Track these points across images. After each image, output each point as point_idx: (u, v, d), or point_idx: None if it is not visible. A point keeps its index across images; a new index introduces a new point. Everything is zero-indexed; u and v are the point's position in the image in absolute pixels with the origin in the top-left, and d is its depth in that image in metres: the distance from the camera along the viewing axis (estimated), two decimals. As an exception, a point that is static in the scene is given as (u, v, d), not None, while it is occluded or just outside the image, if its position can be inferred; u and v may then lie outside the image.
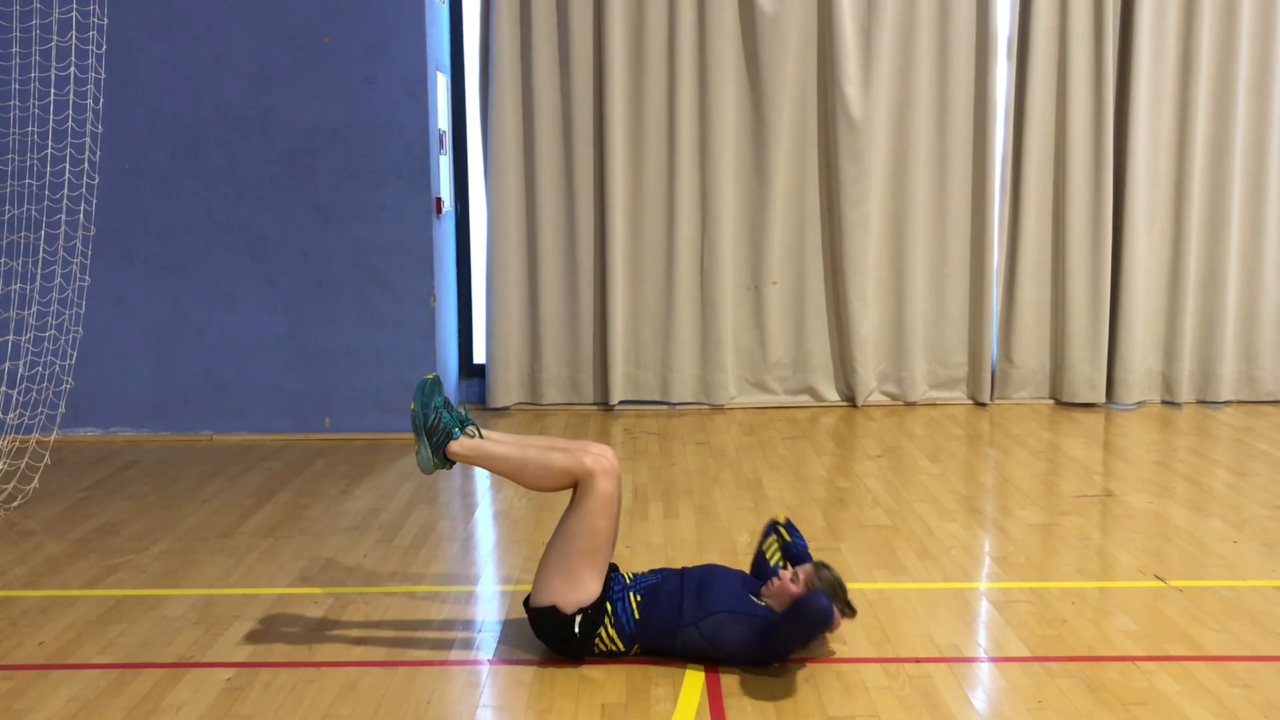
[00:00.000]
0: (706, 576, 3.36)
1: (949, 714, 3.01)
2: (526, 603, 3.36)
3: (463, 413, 3.44)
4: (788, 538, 3.60)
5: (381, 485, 5.23)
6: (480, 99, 6.71)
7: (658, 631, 3.27)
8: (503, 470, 3.39)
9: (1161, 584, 3.93)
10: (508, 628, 3.58)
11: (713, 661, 3.27)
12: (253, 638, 3.52)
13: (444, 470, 3.41)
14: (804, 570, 3.33)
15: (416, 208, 6.05)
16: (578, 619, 3.25)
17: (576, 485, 3.29)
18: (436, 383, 3.40)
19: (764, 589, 3.35)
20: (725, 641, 3.22)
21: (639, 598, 3.30)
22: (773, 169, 6.69)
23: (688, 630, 3.24)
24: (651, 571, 3.43)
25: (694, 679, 3.20)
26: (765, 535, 3.65)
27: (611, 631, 3.27)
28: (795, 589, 3.27)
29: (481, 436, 3.39)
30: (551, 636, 3.30)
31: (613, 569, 3.40)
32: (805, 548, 3.61)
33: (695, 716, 3.00)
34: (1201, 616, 3.63)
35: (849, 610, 3.34)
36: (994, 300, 6.85)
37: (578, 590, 3.25)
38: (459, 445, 3.35)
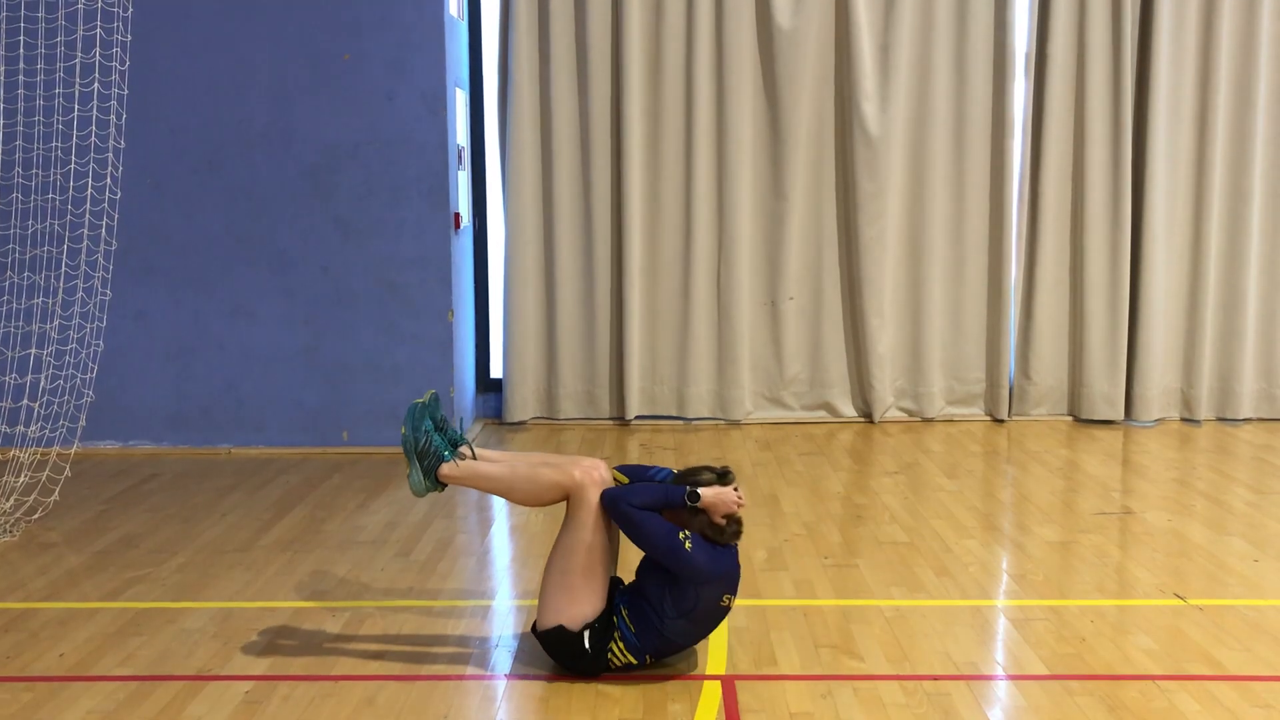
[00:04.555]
0: (646, 562, 3.34)
1: (967, 732, 3.00)
2: (534, 629, 3.36)
3: (456, 433, 3.45)
4: (624, 479, 3.39)
5: (399, 499, 5.24)
6: (499, 115, 6.74)
7: (654, 636, 3.26)
8: (494, 489, 3.40)
9: (1181, 602, 3.91)
10: (524, 642, 3.58)
11: (706, 630, 3.28)
12: (271, 651, 3.53)
13: (436, 492, 3.42)
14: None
15: (435, 223, 6.08)
16: (586, 635, 3.25)
17: (569, 500, 3.30)
18: (428, 405, 3.42)
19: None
20: (684, 600, 3.20)
21: (626, 610, 3.30)
22: (790, 185, 6.69)
23: (667, 621, 3.22)
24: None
25: (711, 693, 3.20)
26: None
27: (620, 645, 3.27)
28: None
29: (474, 457, 3.39)
30: (564, 656, 3.30)
31: (619, 582, 3.41)
32: (659, 471, 3.41)
33: (712, 733, 3.01)
34: (1222, 636, 3.61)
35: (725, 479, 3.24)
36: (1012, 316, 6.83)
37: (580, 606, 3.25)
38: (450, 468, 3.36)
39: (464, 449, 3.40)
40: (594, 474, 3.29)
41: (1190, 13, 6.58)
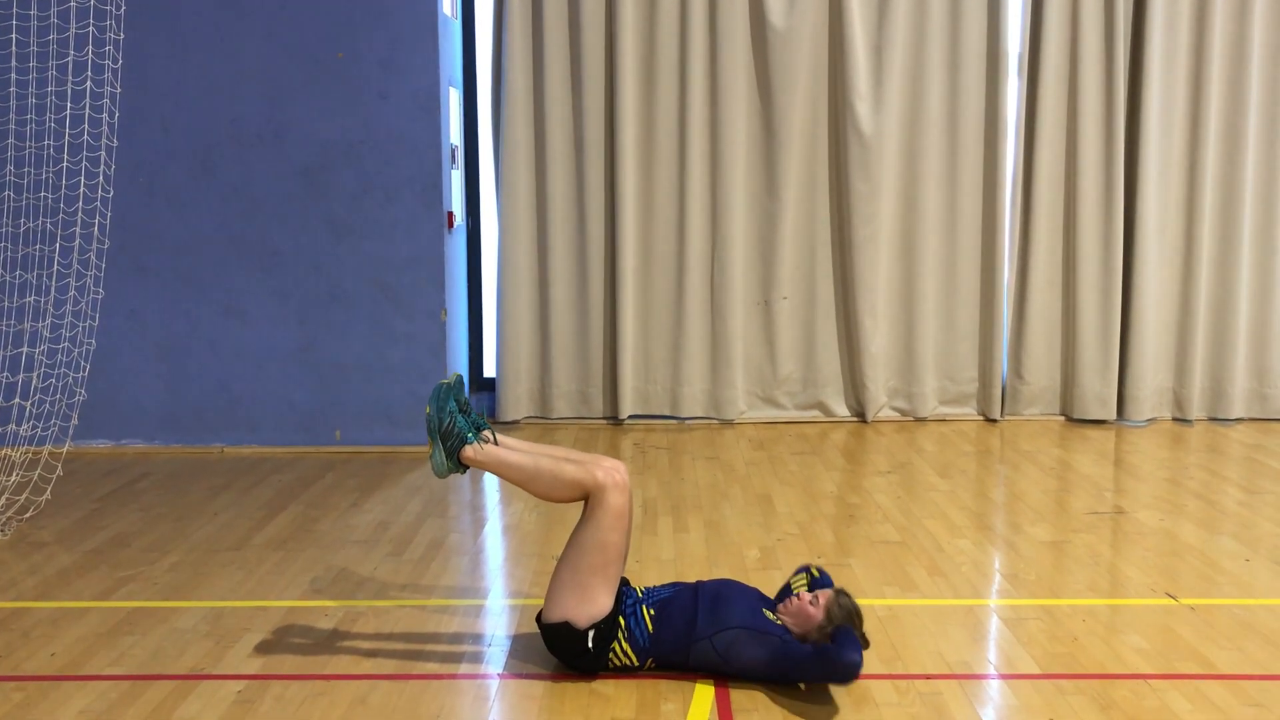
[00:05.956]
0: (722, 590, 3.36)
1: (959, 731, 3.01)
2: (539, 618, 3.36)
3: (480, 418, 3.44)
4: (816, 575, 3.53)
5: (392, 498, 5.24)
6: (492, 114, 6.74)
7: (671, 645, 3.27)
8: (514, 478, 3.39)
9: (1173, 602, 3.92)
10: (517, 642, 3.58)
11: (724, 676, 3.27)
12: (263, 650, 3.52)
13: (458, 474, 3.42)
14: (824, 594, 3.30)
15: (428, 222, 6.08)
16: (591, 634, 3.25)
17: (588, 499, 3.30)
18: (453, 387, 3.40)
19: (781, 607, 3.33)
20: (738, 657, 3.22)
21: (652, 611, 3.30)
22: (783, 185, 6.70)
23: (701, 644, 3.24)
24: (664, 585, 3.43)
25: (704, 693, 3.20)
26: (796, 573, 3.58)
27: (625, 645, 3.27)
28: (814, 611, 3.26)
29: (497, 443, 3.39)
30: (565, 652, 3.30)
31: (624, 583, 3.41)
32: (831, 583, 3.53)
33: (705, 732, 3.01)
34: (1213, 635, 3.62)
35: (863, 642, 3.30)
36: (1004, 316, 6.84)
37: (590, 605, 3.25)
38: (472, 451, 3.35)
39: (487, 433, 3.39)
40: (615, 476, 3.28)
41: (1182, 14, 6.59)
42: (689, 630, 3.25)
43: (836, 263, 6.83)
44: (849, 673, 3.10)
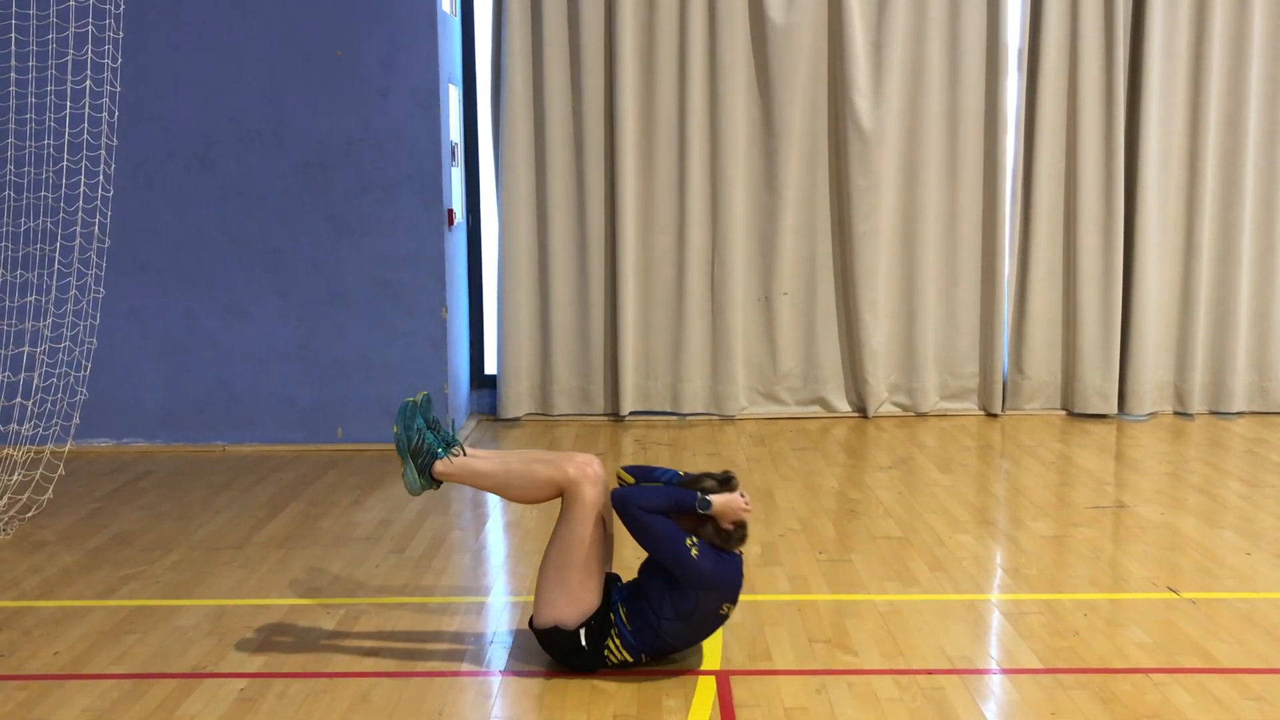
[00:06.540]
0: (649, 564, 3.35)
1: (961, 726, 3.01)
2: (531, 624, 3.36)
3: (449, 433, 3.46)
4: (658, 483, 3.36)
5: (393, 496, 5.24)
6: (492, 111, 6.74)
7: (650, 636, 3.26)
8: (489, 486, 3.41)
9: (1174, 596, 3.92)
10: (519, 639, 3.59)
11: (701, 635, 3.28)
12: (265, 648, 3.53)
13: (432, 490, 3.42)
14: (720, 498, 3.24)
15: (428, 220, 6.08)
16: (583, 633, 3.26)
17: (563, 497, 3.30)
18: (419, 405, 3.43)
19: (717, 526, 3.26)
20: (683, 603, 3.20)
21: (625, 609, 3.30)
22: (783, 180, 6.70)
23: (666, 624, 3.23)
24: (628, 583, 3.42)
25: (705, 689, 3.20)
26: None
27: (617, 642, 3.28)
28: (738, 504, 3.25)
29: (466, 455, 3.40)
30: (561, 653, 3.31)
31: (616, 579, 3.41)
32: (665, 473, 3.40)
33: (707, 728, 3.01)
34: (1214, 629, 3.62)
35: (729, 485, 3.24)
36: (1005, 311, 6.84)
37: (577, 604, 3.26)
38: (444, 465, 3.37)
39: (456, 449, 3.40)
40: (588, 470, 3.29)
41: (1182, 8, 6.58)
42: (649, 616, 3.24)
43: (837, 258, 6.82)
44: (620, 504, 3.18)
